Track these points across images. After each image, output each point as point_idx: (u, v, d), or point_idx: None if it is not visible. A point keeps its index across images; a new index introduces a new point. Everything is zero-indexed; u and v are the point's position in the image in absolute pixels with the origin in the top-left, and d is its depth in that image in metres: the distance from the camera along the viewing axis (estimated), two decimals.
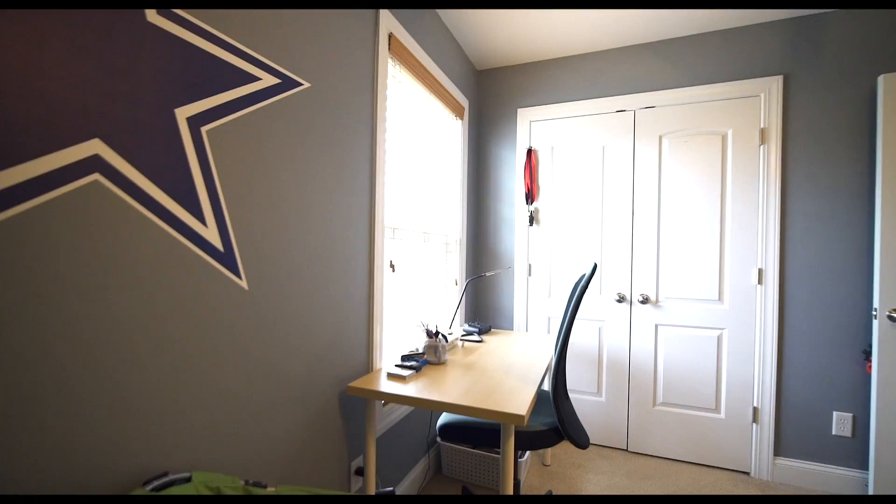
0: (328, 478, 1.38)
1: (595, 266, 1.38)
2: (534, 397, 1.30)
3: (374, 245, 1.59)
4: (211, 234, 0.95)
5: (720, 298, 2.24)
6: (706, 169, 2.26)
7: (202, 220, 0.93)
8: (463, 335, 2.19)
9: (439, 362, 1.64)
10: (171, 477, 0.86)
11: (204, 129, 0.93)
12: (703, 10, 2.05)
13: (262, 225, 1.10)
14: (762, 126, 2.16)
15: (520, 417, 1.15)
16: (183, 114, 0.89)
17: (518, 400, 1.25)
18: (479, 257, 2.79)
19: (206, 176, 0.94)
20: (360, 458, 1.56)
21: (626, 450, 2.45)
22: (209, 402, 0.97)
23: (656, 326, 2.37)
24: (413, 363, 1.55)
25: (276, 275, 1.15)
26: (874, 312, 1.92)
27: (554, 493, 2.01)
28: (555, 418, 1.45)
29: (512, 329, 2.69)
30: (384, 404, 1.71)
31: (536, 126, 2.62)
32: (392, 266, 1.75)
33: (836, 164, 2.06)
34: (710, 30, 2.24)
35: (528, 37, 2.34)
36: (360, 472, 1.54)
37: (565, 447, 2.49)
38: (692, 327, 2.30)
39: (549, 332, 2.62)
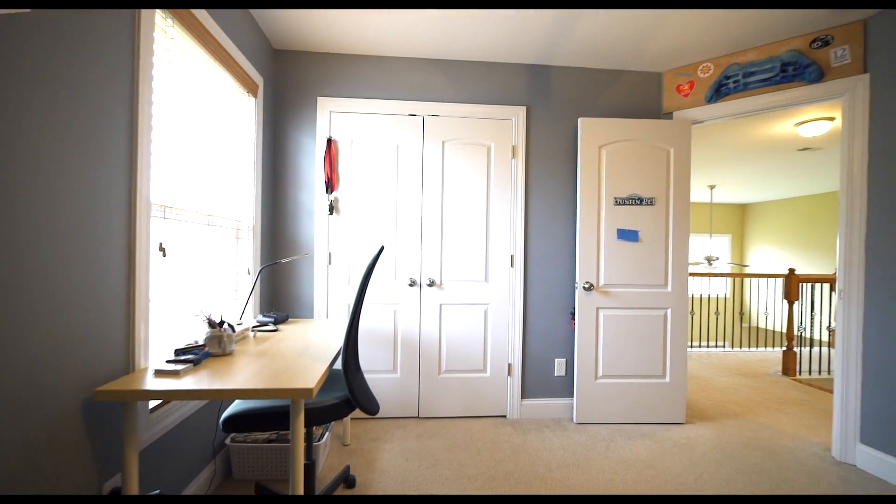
0: None
1: (382, 248, 1.54)
2: (325, 372, 1.36)
3: (137, 224, 1.36)
4: None
5: (486, 279, 2.79)
6: (477, 173, 2.77)
7: None
8: (256, 326, 2.07)
9: (225, 353, 1.53)
10: None
11: None
12: (481, 41, 2.50)
13: None
14: (514, 143, 2.78)
15: (308, 391, 1.19)
16: None
17: (308, 375, 1.30)
18: (276, 245, 2.66)
19: None
20: (119, 476, 1.32)
21: (418, 417, 2.77)
22: None
23: (440, 306, 2.76)
24: (190, 356, 1.40)
25: None
26: (576, 285, 2.73)
27: (352, 467, 2.12)
28: (347, 391, 1.55)
29: (312, 318, 2.67)
30: (152, 410, 1.48)
31: (337, 117, 2.67)
32: (163, 250, 1.52)
33: (557, 178, 2.82)
34: (481, 60, 2.74)
35: (329, 24, 2.36)
36: (118, 492, 1.30)
37: (365, 426, 2.64)
38: (467, 304, 2.78)
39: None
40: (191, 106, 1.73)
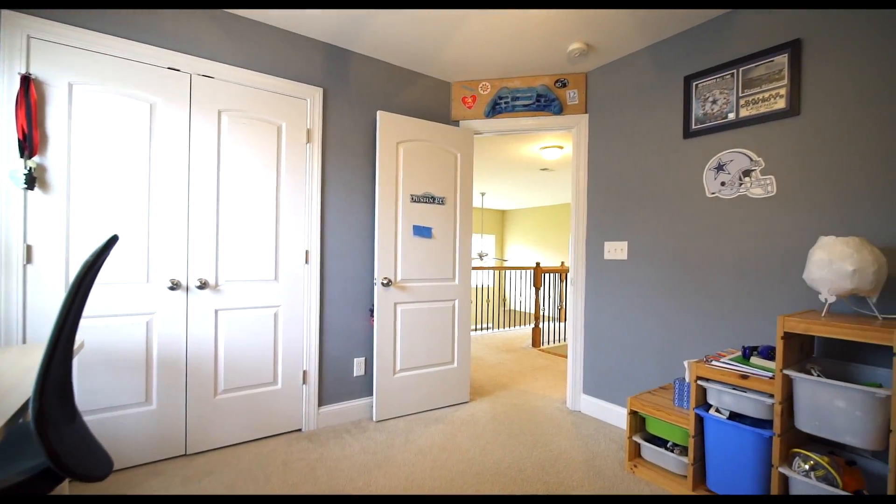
0: None
1: (114, 237, 1.08)
2: None
3: None
4: None
5: (276, 278, 2.43)
6: (264, 156, 2.38)
7: None
8: None
9: None
10: None
11: None
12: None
13: None
14: (309, 127, 2.52)
15: None
16: None
17: None
18: None
19: None
20: None
21: (185, 454, 2.20)
22: None
23: (216, 312, 2.25)
24: None
25: None
26: (375, 281, 2.69)
27: None
28: (45, 457, 1.03)
29: None
30: None
31: (43, 47, 1.84)
32: None
33: (356, 171, 2.71)
34: (272, 24, 2.37)
35: None
36: None
37: (100, 485, 1.91)
38: (252, 308, 2.36)
39: None
40: None
